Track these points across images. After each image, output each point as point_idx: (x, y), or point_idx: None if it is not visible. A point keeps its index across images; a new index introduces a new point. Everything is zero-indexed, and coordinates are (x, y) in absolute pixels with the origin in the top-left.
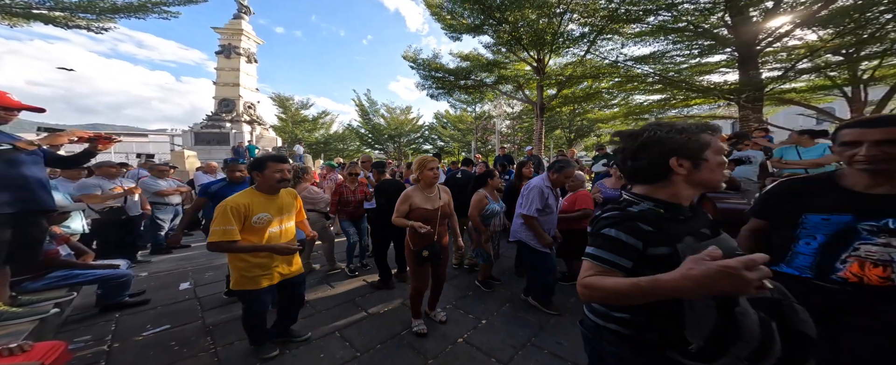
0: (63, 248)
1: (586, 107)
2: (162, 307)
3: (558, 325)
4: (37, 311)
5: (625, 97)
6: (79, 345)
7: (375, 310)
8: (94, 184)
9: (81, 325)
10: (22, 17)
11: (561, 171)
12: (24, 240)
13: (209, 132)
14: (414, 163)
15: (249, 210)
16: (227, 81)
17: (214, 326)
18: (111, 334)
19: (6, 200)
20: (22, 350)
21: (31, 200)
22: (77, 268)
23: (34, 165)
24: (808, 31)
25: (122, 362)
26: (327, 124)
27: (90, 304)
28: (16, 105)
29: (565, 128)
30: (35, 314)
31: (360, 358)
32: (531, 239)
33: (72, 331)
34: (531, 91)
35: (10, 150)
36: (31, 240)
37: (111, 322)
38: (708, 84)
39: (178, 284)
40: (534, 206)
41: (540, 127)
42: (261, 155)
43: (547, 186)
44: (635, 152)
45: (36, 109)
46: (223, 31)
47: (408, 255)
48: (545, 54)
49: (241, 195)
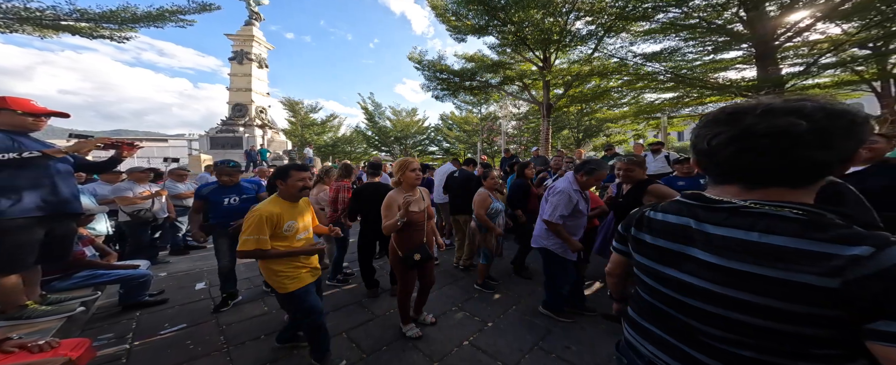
0: (89, 249)
1: (594, 106)
2: (179, 306)
3: (568, 329)
4: (65, 309)
5: (635, 96)
6: (102, 342)
7: (381, 312)
8: (126, 187)
9: (105, 322)
10: (52, 29)
11: (592, 173)
12: (53, 241)
13: (224, 136)
14: (394, 165)
15: (281, 219)
16: (240, 87)
17: (227, 326)
18: (132, 332)
19: (37, 204)
20: (50, 346)
21: (59, 204)
22: (101, 268)
23: (64, 171)
24: (831, 24)
25: (143, 360)
26: (335, 127)
27: (113, 302)
28: (42, 111)
29: (573, 128)
30: (63, 312)
31: (367, 360)
32: (557, 246)
33: (96, 328)
34: (537, 91)
35: (40, 158)
36: (60, 241)
37: (132, 320)
38: (724, 81)
39: (195, 284)
40: (558, 212)
41: (546, 127)
42: (284, 164)
43: (575, 189)
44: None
45: (61, 115)
46: (235, 37)
47: (394, 260)
48: (551, 53)
49: (271, 204)
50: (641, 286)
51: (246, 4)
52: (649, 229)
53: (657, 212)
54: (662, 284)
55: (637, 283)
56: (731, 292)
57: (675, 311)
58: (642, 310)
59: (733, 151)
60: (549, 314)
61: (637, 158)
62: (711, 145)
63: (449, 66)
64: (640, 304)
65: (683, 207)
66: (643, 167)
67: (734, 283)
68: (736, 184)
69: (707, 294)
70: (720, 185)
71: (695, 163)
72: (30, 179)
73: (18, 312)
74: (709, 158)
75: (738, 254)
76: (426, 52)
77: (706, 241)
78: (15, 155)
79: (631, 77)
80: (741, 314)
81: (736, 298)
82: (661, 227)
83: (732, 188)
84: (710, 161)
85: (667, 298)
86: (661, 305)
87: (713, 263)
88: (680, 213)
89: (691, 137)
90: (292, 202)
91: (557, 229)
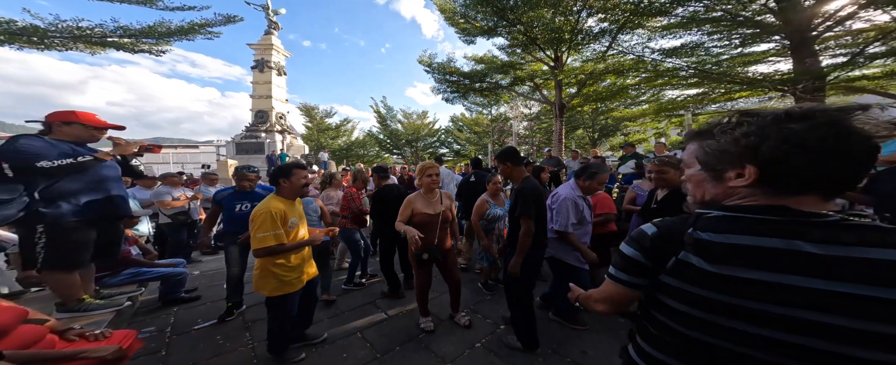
0: (133, 248)
1: (610, 105)
2: (210, 303)
3: (583, 334)
4: (115, 303)
5: (655, 93)
6: (146, 334)
7: (394, 312)
8: (165, 192)
9: (147, 316)
10: (99, 45)
11: (593, 177)
12: (106, 240)
13: (247, 142)
14: (417, 168)
15: (285, 215)
16: (261, 94)
17: (252, 322)
18: (170, 326)
19: (93, 206)
20: (104, 336)
21: (112, 206)
22: (145, 266)
23: (114, 176)
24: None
25: (180, 352)
26: (349, 131)
27: (154, 298)
28: (105, 125)
29: (588, 127)
30: (113, 306)
31: (380, 359)
32: (568, 255)
33: (139, 322)
34: (549, 91)
35: (92, 161)
36: (111, 241)
37: (170, 315)
38: (755, 75)
39: (223, 282)
40: (569, 220)
41: (559, 127)
42: (286, 163)
43: (578, 195)
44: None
45: (118, 127)
46: (256, 46)
47: (410, 257)
48: (563, 52)
49: (274, 202)
50: (685, 322)
51: (265, 15)
52: (710, 255)
53: (719, 233)
54: (750, 323)
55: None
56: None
57: (760, 351)
58: (678, 350)
59: (827, 159)
60: (558, 321)
61: (670, 159)
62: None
63: (458, 69)
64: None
65: (777, 226)
66: (678, 168)
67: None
68: (814, 194)
69: (830, 330)
70: (793, 196)
71: (754, 172)
72: (86, 184)
73: (76, 305)
74: (786, 166)
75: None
76: (436, 56)
77: (825, 265)
78: (71, 160)
79: (650, 74)
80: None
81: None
82: (743, 252)
83: (810, 199)
84: (788, 169)
85: (746, 338)
86: (730, 345)
87: (845, 293)
88: (774, 233)
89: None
90: (292, 200)
91: (570, 239)
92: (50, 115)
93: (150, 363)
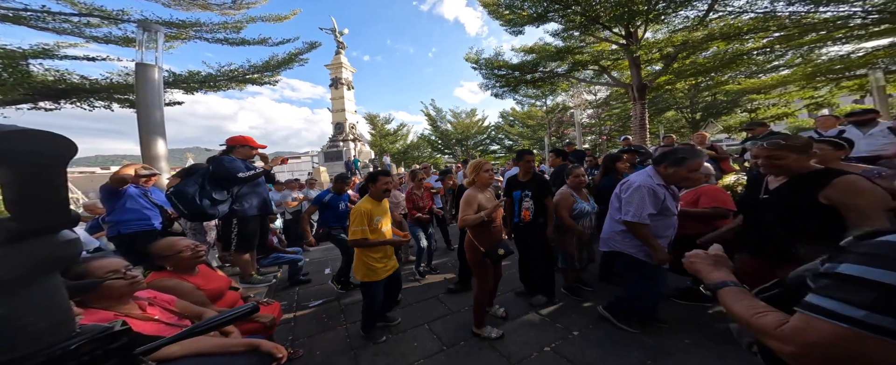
0: (274, 238)
1: (720, 77)
2: (318, 286)
3: (689, 349)
4: (268, 279)
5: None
6: (314, 305)
7: (457, 308)
8: (288, 194)
9: (279, 294)
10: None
11: (682, 163)
12: (262, 231)
13: (331, 151)
14: (469, 165)
15: (372, 214)
16: (338, 108)
17: (347, 305)
18: (295, 303)
19: (257, 206)
20: (268, 303)
21: (267, 206)
22: (281, 252)
23: (264, 183)
24: None
25: (302, 325)
26: (404, 135)
27: (284, 279)
28: (259, 146)
29: (683, 107)
30: (268, 281)
31: (447, 352)
32: (636, 249)
33: (276, 298)
34: (620, 72)
35: (262, 173)
36: (264, 232)
37: (293, 294)
38: None
39: (324, 269)
40: (644, 211)
41: (641, 111)
42: (374, 171)
43: (659, 183)
44: None
45: (263, 147)
46: (330, 66)
47: (472, 257)
48: (638, 27)
49: (364, 203)
50: None
51: (333, 37)
52: None
53: None
54: None
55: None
56: None
57: None
58: None
59: None
60: (608, 317)
61: (794, 141)
62: None
63: (507, 62)
64: None
65: None
66: (802, 152)
67: None
68: None
69: None
70: None
71: None
72: (253, 189)
73: (249, 280)
74: None
75: None
76: (482, 51)
77: None
78: (252, 172)
79: (789, 30)
80: None
81: None
82: None
83: None
84: None
85: None
86: None
87: None
88: None
89: None
90: (378, 201)
91: (644, 232)
92: (230, 139)
93: (284, 330)
